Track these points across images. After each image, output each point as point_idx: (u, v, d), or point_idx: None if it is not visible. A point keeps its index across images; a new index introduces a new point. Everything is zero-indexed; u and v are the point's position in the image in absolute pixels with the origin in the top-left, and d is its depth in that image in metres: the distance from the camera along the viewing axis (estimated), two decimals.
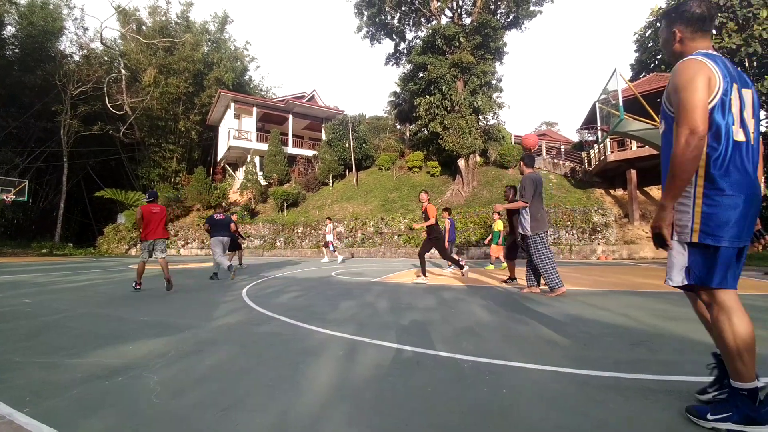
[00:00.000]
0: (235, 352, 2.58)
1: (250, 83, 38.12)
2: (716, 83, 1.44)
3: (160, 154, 29.55)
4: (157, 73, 28.16)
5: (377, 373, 2.13)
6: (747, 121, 1.47)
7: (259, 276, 8.15)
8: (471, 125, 19.95)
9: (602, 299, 4.58)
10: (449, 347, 2.60)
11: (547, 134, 39.27)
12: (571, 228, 15.09)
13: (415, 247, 16.73)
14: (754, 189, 1.44)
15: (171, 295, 5.46)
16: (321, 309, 4.17)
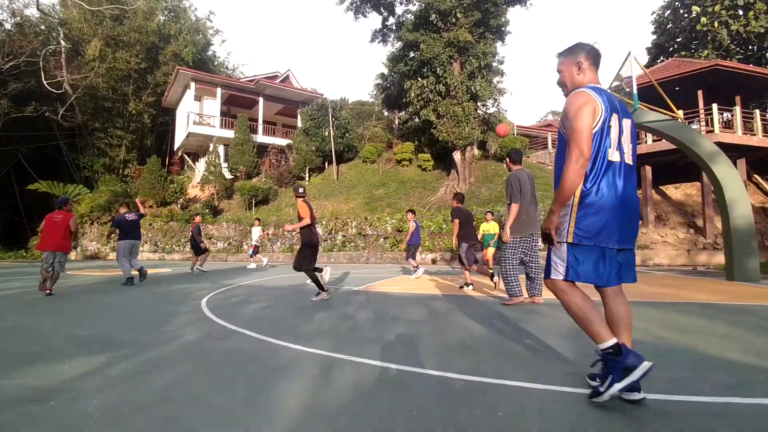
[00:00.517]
0: (190, 372, 2.54)
1: (213, 60, 37.67)
2: (599, 112, 1.96)
3: (106, 141, 28.90)
4: (104, 46, 27.54)
5: (356, 395, 2.12)
6: (623, 144, 2.04)
7: (222, 284, 8.05)
8: (468, 113, 20.11)
9: None
10: (439, 365, 2.61)
11: (553, 125, 39.91)
12: None
13: (403, 252, 16.78)
14: (622, 200, 1.97)
15: (114, 305, 5.35)
16: (292, 321, 4.15)
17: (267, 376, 2.45)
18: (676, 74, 16.22)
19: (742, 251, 7.99)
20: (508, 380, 2.31)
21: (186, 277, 10.01)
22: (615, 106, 2.04)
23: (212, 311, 4.75)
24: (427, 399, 2.06)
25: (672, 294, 6.15)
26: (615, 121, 2.01)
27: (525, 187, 5.09)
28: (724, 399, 2.00)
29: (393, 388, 2.23)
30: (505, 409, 1.92)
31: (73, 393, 2.17)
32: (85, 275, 10.60)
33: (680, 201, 17.68)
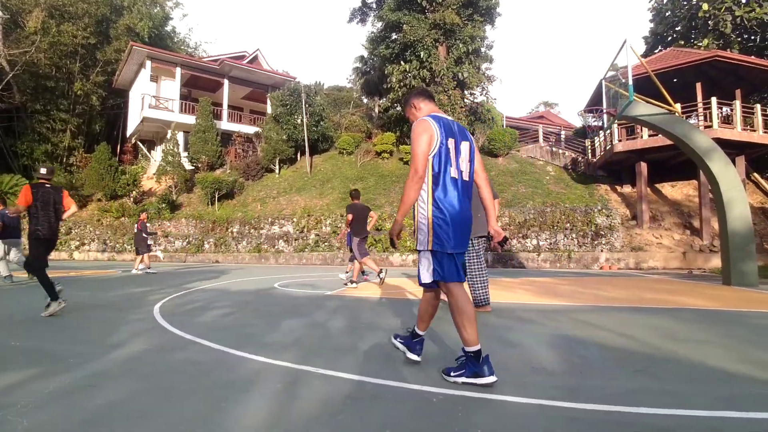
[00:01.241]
0: (136, 388, 2.46)
1: (172, 36, 36.85)
2: (435, 138, 2.48)
3: (48, 125, 27.90)
4: (47, 17, 26.57)
5: (324, 411, 2.10)
6: (461, 164, 2.56)
7: (179, 287, 7.89)
8: (455, 102, 20.25)
9: (603, 317, 4.78)
10: (417, 377, 2.61)
11: (545, 117, 40.60)
12: (571, 231, 15.67)
13: (382, 252, 16.81)
14: (461, 212, 2.50)
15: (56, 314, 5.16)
16: (257, 330, 4.09)
17: (224, 391, 2.40)
18: (674, 65, 16.69)
19: (740, 254, 8.27)
20: (488, 394, 2.32)
21: (137, 279, 9.78)
22: (453, 132, 2.58)
23: (166, 319, 4.64)
24: (402, 415, 2.05)
25: (666, 299, 6.32)
26: (452, 144, 2.54)
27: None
28: (720, 413, 2.05)
29: (365, 403, 2.21)
30: (484, 425, 1.92)
31: (2, 411, 2.08)
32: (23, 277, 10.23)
33: (676, 200, 18.22)
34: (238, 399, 2.26)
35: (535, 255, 15.36)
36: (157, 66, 27.38)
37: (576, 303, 5.93)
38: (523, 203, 18.28)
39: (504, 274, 11.94)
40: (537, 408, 2.13)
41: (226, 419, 2.01)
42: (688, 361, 3.00)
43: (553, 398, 2.24)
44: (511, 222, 16.62)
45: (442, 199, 2.49)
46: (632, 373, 2.71)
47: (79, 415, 2.06)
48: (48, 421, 1.99)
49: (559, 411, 2.09)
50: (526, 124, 31.41)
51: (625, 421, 1.97)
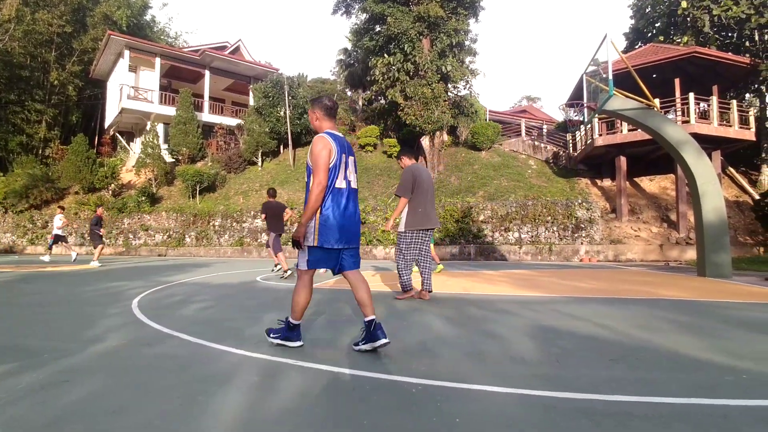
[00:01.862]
0: (112, 383, 2.42)
1: (152, 26, 36.09)
2: (333, 153, 2.89)
3: (23, 115, 27.14)
4: (21, 4, 25.75)
5: (301, 403, 2.08)
6: (349, 175, 3.00)
7: (158, 282, 7.77)
8: (438, 95, 20.25)
9: (581, 308, 4.85)
10: (396, 368, 2.62)
11: (528, 111, 40.92)
12: (552, 224, 15.87)
13: (366, 244, 16.81)
14: (348, 215, 2.95)
15: (30, 308, 5.05)
16: (237, 324, 4.06)
17: (202, 384, 2.37)
18: (654, 61, 16.94)
19: (714, 246, 8.47)
20: (468, 383, 2.33)
21: (115, 273, 9.61)
22: (344, 147, 3.01)
23: (144, 313, 4.57)
24: (381, 407, 2.04)
25: (642, 290, 6.44)
26: (343, 158, 2.97)
27: (418, 180, 5.41)
28: (691, 400, 2.10)
29: (343, 394, 2.21)
30: (464, 416, 1.93)
31: None
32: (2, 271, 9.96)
33: (655, 194, 18.58)
34: (216, 392, 2.24)
35: (516, 248, 15.52)
36: (135, 56, 26.77)
37: (555, 294, 6.01)
38: (505, 196, 18.44)
39: (485, 266, 12.05)
40: (516, 397, 2.15)
41: (203, 413, 1.98)
42: (663, 349, 3.06)
43: (532, 387, 2.27)
44: (494, 215, 16.75)
45: (332, 203, 2.92)
46: (608, 362, 2.75)
47: (53, 411, 2.01)
48: (21, 416, 1.94)
49: (537, 399, 2.12)
50: (509, 118, 31.63)
51: (602, 409, 2.00)
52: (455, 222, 16.65)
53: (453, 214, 16.92)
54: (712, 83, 17.51)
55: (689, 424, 1.84)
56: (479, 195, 19.05)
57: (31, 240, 21.59)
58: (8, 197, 22.71)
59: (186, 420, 1.91)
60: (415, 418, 1.91)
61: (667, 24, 22.68)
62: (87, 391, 2.28)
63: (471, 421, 1.89)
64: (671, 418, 1.90)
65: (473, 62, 22.91)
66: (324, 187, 2.86)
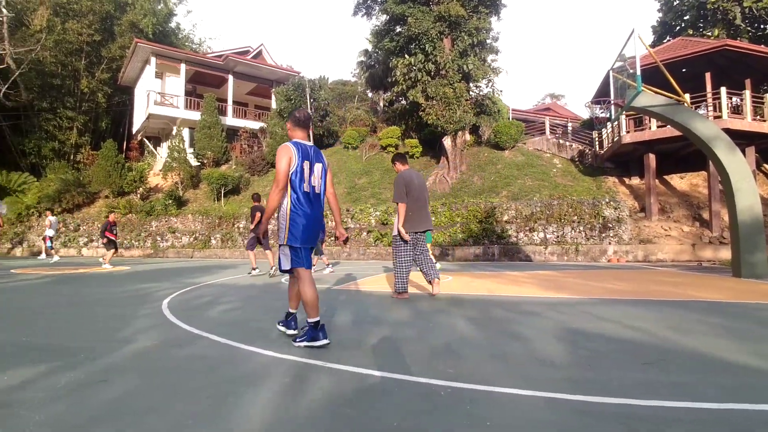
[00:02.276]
0: (145, 383, 2.49)
1: (177, 33, 36.88)
2: (294, 160, 3.16)
3: (55, 122, 28.10)
4: (51, 15, 26.69)
5: (331, 405, 2.10)
6: (314, 181, 3.26)
7: (186, 283, 7.94)
8: (460, 95, 20.14)
9: (610, 309, 4.75)
10: (423, 370, 2.61)
11: (552, 109, 40.33)
12: (578, 224, 15.58)
13: (388, 246, 16.82)
14: (312, 217, 3.23)
15: (66, 309, 5.23)
16: (264, 325, 4.11)
17: (232, 384, 2.41)
18: (683, 55, 16.47)
19: (749, 246, 8.19)
20: (497, 387, 2.31)
21: (144, 275, 9.86)
22: (309, 156, 3.27)
23: (174, 314, 4.67)
24: (410, 409, 2.05)
25: (674, 292, 6.28)
26: (307, 165, 3.23)
27: (410, 186, 5.66)
28: (729, 405, 2.04)
29: (373, 397, 2.22)
30: (494, 419, 1.92)
31: (13, 407, 2.10)
32: (32, 273, 10.33)
33: (686, 192, 18.06)
34: (245, 393, 2.28)
35: (542, 248, 15.30)
36: (161, 62, 27.41)
37: (583, 296, 5.91)
38: (529, 196, 18.20)
39: (510, 267, 11.91)
40: (546, 401, 2.13)
41: (233, 414, 2.02)
42: (697, 353, 2.98)
43: (561, 391, 2.24)
44: (518, 215, 16.55)
45: (296, 206, 3.20)
46: (641, 365, 2.70)
47: (89, 410, 2.08)
48: (59, 415, 2.01)
49: (567, 404, 2.09)
50: (532, 116, 31.21)
51: (635, 414, 1.96)
52: (478, 222, 16.51)
53: (476, 215, 16.78)
54: (745, 77, 16.90)
55: (728, 429, 1.79)
56: (503, 195, 18.86)
57: (64, 243, 22.31)
58: (42, 201, 23.53)
59: (215, 421, 1.95)
60: (446, 420, 1.91)
61: (697, 17, 22.06)
62: (121, 390, 2.35)
63: (502, 424, 1.87)
64: (709, 424, 1.85)
65: (495, 60, 22.71)
66: (281, 190, 3.17)
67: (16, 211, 23.39)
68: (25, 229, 23.16)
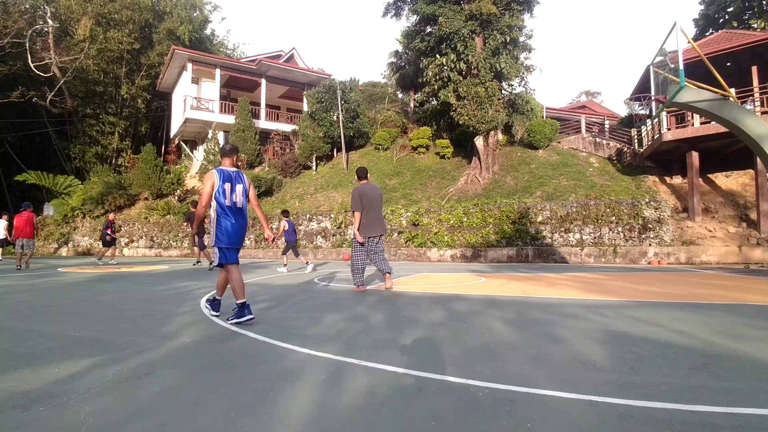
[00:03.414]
0: (188, 377, 2.57)
1: (212, 39, 37.89)
2: (217, 183, 4.09)
3: (98, 128, 29.36)
4: (94, 25, 27.89)
5: (368, 403, 2.12)
6: (235, 198, 4.17)
7: None
8: (492, 94, 19.90)
9: (653, 313, 4.60)
10: (460, 371, 2.60)
11: (587, 107, 39.33)
12: (617, 225, 15.13)
13: (418, 247, 16.79)
14: (234, 225, 4.16)
15: (110, 305, 5.45)
16: (299, 323, 4.18)
17: (271, 381, 2.47)
18: (727, 48, 15.78)
19: None
20: (536, 389, 2.28)
21: (183, 274, 10.16)
22: (230, 178, 4.20)
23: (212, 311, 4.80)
24: (448, 409, 2.04)
25: (722, 295, 6.02)
26: (228, 186, 4.15)
27: (364, 198, 6.57)
28: None
29: (409, 396, 2.22)
30: (535, 421, 1.89)
31: (64, 398, 2.20)
32: (78, 272, 10.82)
33: (732, 191, 17.27)
34: (285, 389, 2.32)
35: (578, 249, 14.94)
36: (197, 68, 28.21)
37: (624, 298, 5.74)
38: (564, 196, 17.79)
39: (545, 269, 11.68)
40: (588, 404, 2.08)
41: (275, 408, 2.07)
42: (747, 358, 2.85)
43: (605, 394, 2.19)
44: (553, 216, 16.21)
45: (221, 217, 4.15)
46: (688, 370, 2.61)
47: (136, 402, 2.16)
48: (108, 407, 2.10)
49: (611, 407, 2.04)
50: (567, 114, 30.53)
51: (681, 419, 1.90)
52: (511, 223, 16.26)
53: (509, 215, 16.53)
54: None
55: None
56: (537, 195, 18.51)
57: None
58: (86, 203, 24.60)
59: (259, 414, 2.00)
60: (485, 421, 1.90)
61: (741, 8, 21.11)
62: (167, 384, 2.44)
63: (543, 427, 1.84)
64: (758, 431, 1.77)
65: (528, 58, 22.31)
66: (205, 206, 4.17)
67: (62, 212, 24.53)
68: (71, 230, 24.25)
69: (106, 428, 1.86)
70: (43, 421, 1.95)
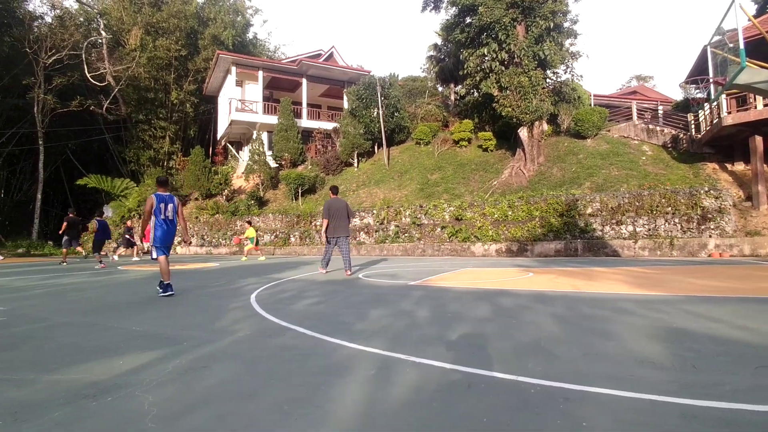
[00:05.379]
0: (242, 370, 2.67)
1: (254, 43, 38.90)
2: (154, 204, 6.22)
3: (150, 132, 30.85)
4: (144, 34, 29.24)
5: (417, 398, 2.14)
6: (168, 213, 6.34)
7: (270, 279, 8.38)
8: (536, 83, 19.37)
9: (716, 308, 4.37)
10: (509, 367, 2.57)
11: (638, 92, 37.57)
12: (673, 216, 14.40)
13: (462, 242, 16.63)
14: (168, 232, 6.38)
15: (167, 301, 5.73)
16: (346, 318, 4.25)
17: (321, 374, 2.53)
18: None
19: None
20: (591, 386, 2.22)
21: (233, 271, 10.52)
22: (164, 200, 6.21)
23: (262, 307, 4.97)
24: (499, 405, 2.03)
25: None
26: (162, 205, 6.17)
27: (332, 210, 9.00)
28: None
29: (459, 392, 2.22)
30: (591, 419, 1.85)
31: (129, 389, 2.35)
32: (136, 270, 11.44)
33: None
34: (336, 383, 2.38)
35: (631, 242, 14.33)
36: (241, 71, 29.05)
37: (683, 293, 5.46)
38: (616, 187, 17.10)
39: (595, 263, 11.29)
40: (647, 403, 2.01)
41: (327, 402, 2.12)
42: None
43: (665, 393, 2.11)
44: (603, 207, 15.62)
45: (158, 227, 6.18)
46: (755, 368, 2.46)
47: (195, 394, 2.28)
48: (170, 397, 2.23)
49: (672, 407, 1.96)
50: (616, 101, 29.27)
51: (746, 419, 1.81)
52: (559, 216, 15.80)
53: (556, 208, 16.07)
54: None
55: None
56: (585, 186, 17.89)
57: None
58: (141, 205, 25.90)
59: (310, 408, 2.05)
60: (537, 419, 1.87)
61: None
62: (222, 376, 2.55)
63: (600, 425, 1.80)
64: None
65: (573, 44, 21.58)
66: (146, 219, 6.34)
67: (119, 213, 25.96)
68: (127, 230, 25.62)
69: (169, 418, 1.97)
70: (112, 410, 2.09)
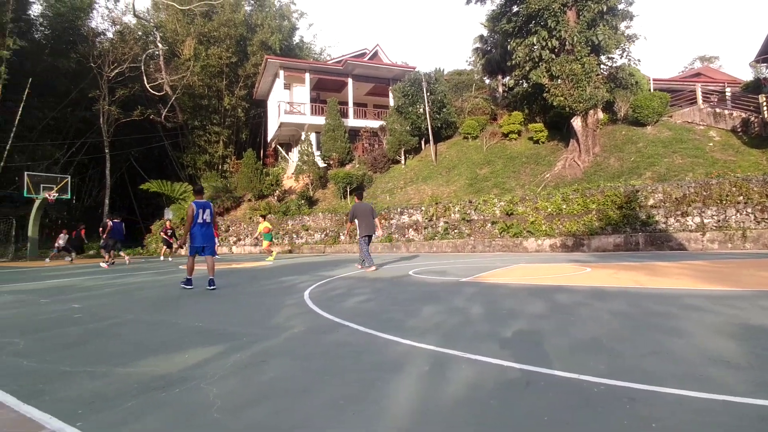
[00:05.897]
0: (299, 365, 2.74)
1: (301, 46, 39.73)
2: (195, 210, 7.20)
3: (205, 137, 32.27)
4: (197, 44, 30.58)
5: (474, 395, 2.11)
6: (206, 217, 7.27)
7: (322, 276, 8.55)
8: (590, 70, 18.58)
9: None
10: (569, 365, 2.49)
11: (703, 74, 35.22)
12: (745, 205, 13.41)
13: (513, 237, 16.25)
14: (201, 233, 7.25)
15: (225, 299, 5.97)
16: (397, 315, 4.26)
17: (375, 370, 2.55)
18: None
19: None
20: (659, 386, 2.11)
21: (286, 269, 10.81)
22: (202, 206, 7.19)
23: (316, 303, 5.07)
24: (560, 404, 1.97)
25: None
26: (201, 211, 7.13)
27: (357, 212, 9.83)
28: None
29: (517, 390, 2.17)
30: (660, 420, 1.75)
31: (195, 381, 2.47)
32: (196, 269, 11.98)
33: None
34: (390, 379, 2.39)
35: (698, 235, 13.47)
36: (288, 74, 29.74)
37: (757, 288, 5.08)
38: (680, 176, 16.13)
39: (659, 257, 10.69)
40: (721, 404, 1.89)
41: (382, 398, 2.13)
42: None
43: (741, 394, 1.97)
44: (666, 198, 14.77)
45: (194, 229, 7.10)
46: None
47: (255, 387, 2.37)
48: (232, 390, 2.33)
49: (749, 408, 1.83)
50: (678, 84, 27.58)
51: None
52: (617, 208, 15.09)
53: (614, 200, 15.35)
54: None
55: None
56: (646, 176, 16.98)
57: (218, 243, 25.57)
58: None
59: (365, 404, 2.07)
60: (602, 418, 1.80)
61: None
62: (280, 371, 2.63)
63: (670, 426, 1.71)
64: None
65: (629, 27, 20.54)
66: (189, 223, 7.03)
67: (179, 216, 27.31)
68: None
69: (233, 410, 2.06)
70: (180, 401, 2.20)
